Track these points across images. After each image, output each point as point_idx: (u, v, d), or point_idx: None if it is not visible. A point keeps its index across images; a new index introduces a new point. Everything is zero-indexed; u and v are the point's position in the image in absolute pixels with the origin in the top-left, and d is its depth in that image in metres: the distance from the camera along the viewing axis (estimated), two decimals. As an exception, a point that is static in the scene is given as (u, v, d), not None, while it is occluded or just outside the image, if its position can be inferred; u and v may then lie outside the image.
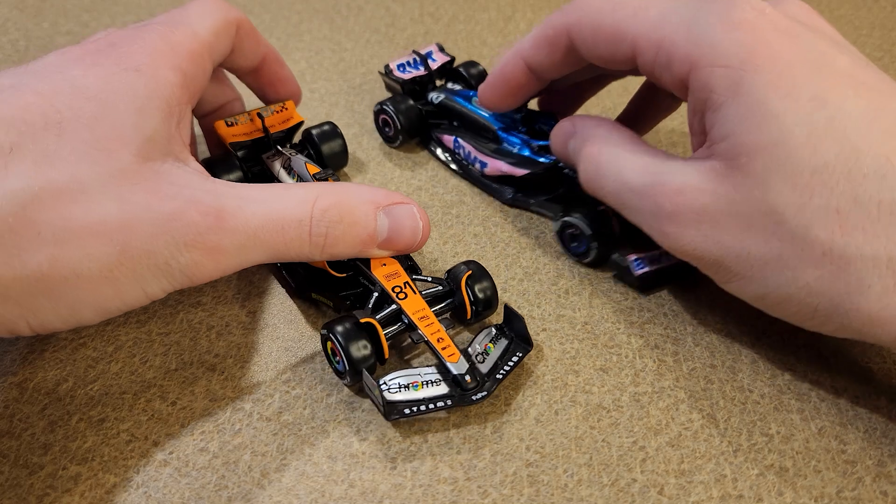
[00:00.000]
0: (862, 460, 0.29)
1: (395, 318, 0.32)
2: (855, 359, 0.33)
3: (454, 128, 0.45)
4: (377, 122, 0.46)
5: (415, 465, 0.29)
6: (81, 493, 0.28)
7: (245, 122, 0.40)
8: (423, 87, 0.47)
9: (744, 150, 0.28)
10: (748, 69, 0.28)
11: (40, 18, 0.59)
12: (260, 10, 0.61)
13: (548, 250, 0.39)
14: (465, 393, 0.30)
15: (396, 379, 0.30)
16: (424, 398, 0.30)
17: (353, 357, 0.30)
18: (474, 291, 0.33)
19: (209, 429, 0.30)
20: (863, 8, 0.63)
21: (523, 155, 0.41)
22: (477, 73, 0.47)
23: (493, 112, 0.42)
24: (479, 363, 0.31)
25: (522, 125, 0.42)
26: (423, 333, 0.31)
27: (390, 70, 0.46)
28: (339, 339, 0.30)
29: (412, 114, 0.44)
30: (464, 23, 0.60)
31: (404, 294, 0.32)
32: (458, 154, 0.44)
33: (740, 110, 0.28)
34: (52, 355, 0.33)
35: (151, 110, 0.29)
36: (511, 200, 0.42)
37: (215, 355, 0.33)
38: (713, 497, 0.28)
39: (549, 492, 0.28)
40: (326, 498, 0.28)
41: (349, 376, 0.30)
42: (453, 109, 0.44)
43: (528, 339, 0.32)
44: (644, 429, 0.30)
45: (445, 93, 0.45)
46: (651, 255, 0.36)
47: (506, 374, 0.31)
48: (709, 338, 0.34)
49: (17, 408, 0.31)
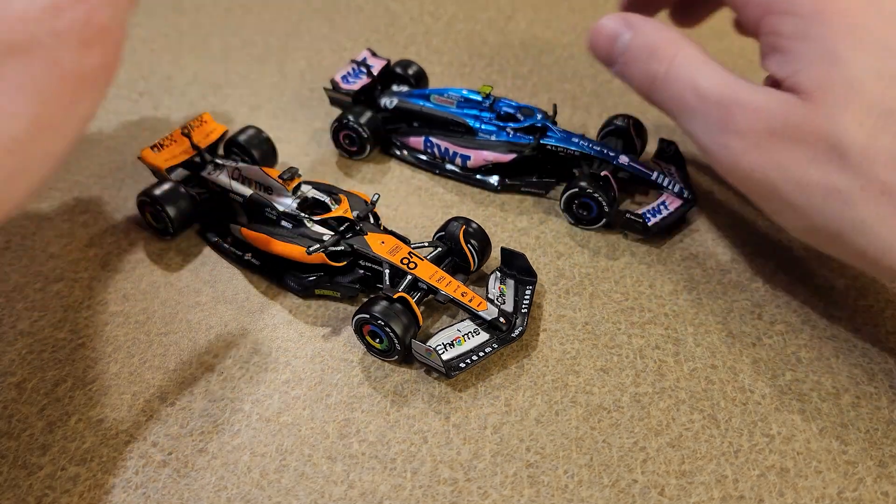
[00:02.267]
0: (863, 461, 0.29)
1: (413, 286, 0.34)
2: (856, 359, 0.33)
3: (418, 128, 0.44)
4: (336, 139, 0.44)
5: (415, 465, 0.29)
6: (80, 493, 0.28)
7: (171, 144, 0.40)
8: (368, 94, 0.46)
9: (815, 85, 0.28)
10: (817, 18, 0.29)
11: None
12: (260, 9, 0.61)
13: (548, 250, 0.39)
14: (504, 333, 0.32)
15: (440, 340, 0.32)
16: (472, 349, 0.32)
17: (400, 331, 0.31)
18: (471, 244, 0.36)
19: (208, 429, 0.30)
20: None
21: (504, 140, 0.41)
22: (414, 71, 0.47)
23: (462, 104, 0.43)
24: (501, 304, 0.34)
25: (488, 111, 0.43)
26: (446, 293, 0.33)
27: (336, 84, 0.45)
28: (381, 318, 0.31)
29: (375, 122, 0.44)
30: (464, 22, 0.60)
31: (414, 263, 0.34)
32: (431, 153, 0.44)
33: (808, 51, 0.29)
34: (50, 355, 0.33)
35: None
36: (499, 188, 0.42)
37: (214, 356, 0.33)
38: (714, 498, 0.28)
39: (550, 493, 0.28)
40: (326, 499, 0.28)
41: (398, 352, 0.32)
42: (412, 111, 0.44)
43: (532, 270, 0.35)
44: (645, 429, 0.30)
45: (398, 96, 0.45)
46: (652, 209, 0.39)
47: (529, 308, 0.34)
48: (709, 338, 0.34)
49: (15, 408, 0.31)
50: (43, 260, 0.38)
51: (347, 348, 0.34)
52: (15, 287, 0.36)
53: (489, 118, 0.43)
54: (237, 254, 0.37)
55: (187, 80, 0.52)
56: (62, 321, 0.35)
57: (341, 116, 0.43)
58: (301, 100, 0.50)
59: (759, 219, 0.41)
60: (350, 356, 0.33)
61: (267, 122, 0.48)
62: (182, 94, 0.50)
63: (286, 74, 0.53)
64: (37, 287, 0.36)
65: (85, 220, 0.40)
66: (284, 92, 0.51)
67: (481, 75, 0.53)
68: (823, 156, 0.28)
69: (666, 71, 0.33)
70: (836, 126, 0.28)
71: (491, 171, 0.42)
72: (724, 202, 0.42)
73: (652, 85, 0.34)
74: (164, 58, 0.54)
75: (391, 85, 0.47)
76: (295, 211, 0.36)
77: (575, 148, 0.41)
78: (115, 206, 0.41)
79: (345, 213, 0.36)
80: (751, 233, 0.40)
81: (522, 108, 0.43)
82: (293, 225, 0.36)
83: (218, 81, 0.52)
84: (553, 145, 0.41)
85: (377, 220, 0.37)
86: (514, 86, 0.52)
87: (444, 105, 0.44)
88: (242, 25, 0.59)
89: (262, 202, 0.37)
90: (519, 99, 0.50)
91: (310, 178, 0.41)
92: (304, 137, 0.47)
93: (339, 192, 0.37)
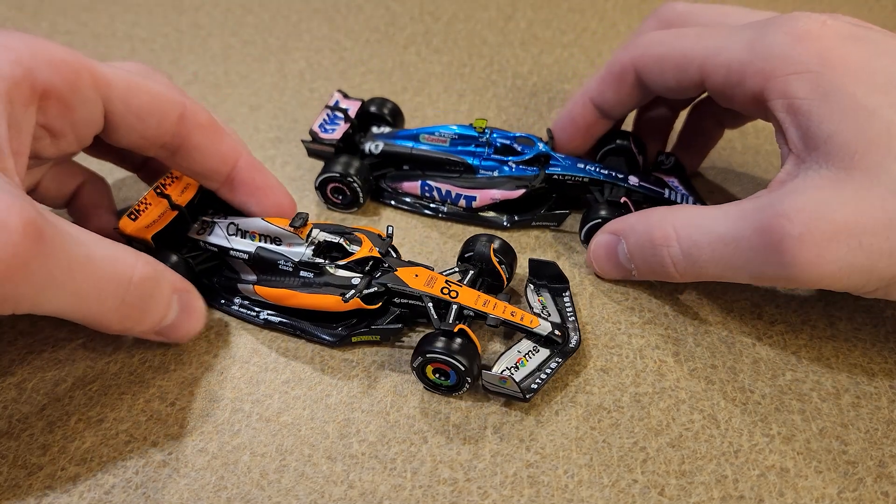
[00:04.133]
0: (863, 461, 0.29)
1: (458, 315, 0.32)
2: (856, 359, 0.33)
3: (410, 172, 0.41)
4: (324, 194, 0.41)
5: (415, 465, 0.29)
6: (80, 493, 0.28)
7: (147, 208, 0.35)
8: (349, 140, 0.42)
9: (854, 146, 0.27)
10: (827, 71, 0.28)
11: (39, 18, 0.59)
12: (259, 9, 0.61)
13: (548, 251, 0.39)
14: (562, 346, 0.32)
15: (503, 364, 0.31)
16: (537, 367, 0.31)
17: (470, 364, 0.30)
18: (502, 260, 0.35)
19: (208, 429, 0.30)
20: (863, 7, 0.63)
21: (507, 175, 0.39)
22: (389, 109, 0.44)
23: (456, 141, 0.40)
24: (548, 317, 0.33)
25: (485, 146, 0.40)
26: (496, 316, 0.32)
27: (315, 134, 0.41)
28: (447, 355, 0.30)
29: (366, 172, 0.40)
30: (464, 22, 0.60)
31: (455, 292, 0.32)
32: (430, 197, 0.41)
33: (833, 109, 0.28)
34: (50, 356, 0.33)
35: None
36: (508, 226, 0.40)
37: (214, 355, 0.33)
38: (714, 498, 0.28)
39: (550, 493, 0.28)
40: (326, 499, 0.28)
41: (468, 383, 0.30)
42: (401, 154, 0.41)
43: (563, 276, 0.35)
44: (645, 429, 0.30)
45: (382, 139, 0.41)
46: None
47: (575, 315, 0.34)
48: (710, 338, 0.34)
49: (15, 408, 0.31)
50: (43, 260, 0.38)
51: (347, 348, 0.34)
52: (15, 287, 0.36)
53: (487, 153, 0.40)
54: (251, 314, 0.34)
55: (187, 79, 0.52)
56: (62, 321, 0.34)
57: (326, 170, 0.40)
58: (301, 100, 0.50)
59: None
60: (350, 356, 0.33)
61: (267, 122, 0.48)
62: (182, 94, 0.50)
63: (286, 74, 0.53)
64: (37, 287, 0.36)
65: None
66: (284, 92, 0.51)
67: (481, 75, 0.53)
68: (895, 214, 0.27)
69: (679, 249, 0.32)
70: (893, 178, 0.27)
71: (494, 208, 0.40)
72: (723, 201, 0.42)
73: (677, 268, 0.32)
74: (164, 58, 0.54)
75: (370, 127, 0.43)
76: (313, 259, 0.33)
77: (582, 174, 0.39)
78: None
79: (370, 253, 0.33)
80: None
81: (519, 137, 0.40)
82: (315, 274, 0.33)
83: (218, 81, 0.52)
84: (560, 174, 0.39)
85: (397, 252, 0.35)
86: (513, 86, 0.52)
87: (436, 144, 0.40)
88: (242, 25, 0.59)
89: (273, 255, 0.34)
90: (519, 98, 0.50)
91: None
92: (305, 137, 0.47)
93: (352, 231, 0.34)
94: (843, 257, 0.27)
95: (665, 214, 0.33)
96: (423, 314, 0.33)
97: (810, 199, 0.27)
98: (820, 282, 0.28)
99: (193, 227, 0.36)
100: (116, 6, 0.61)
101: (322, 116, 0.42)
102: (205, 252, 0.36)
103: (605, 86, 0.37)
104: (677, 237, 0.32)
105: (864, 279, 0.28)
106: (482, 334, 0.34)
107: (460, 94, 0.51)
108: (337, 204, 0.41)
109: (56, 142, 0.29)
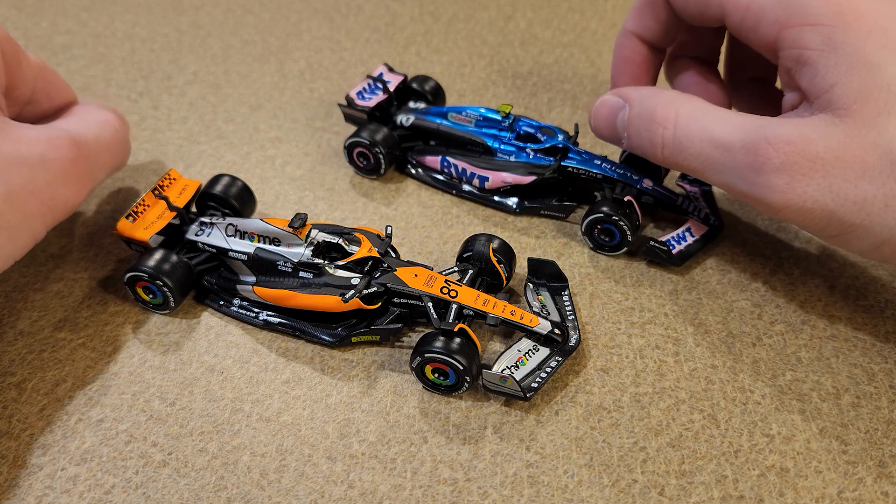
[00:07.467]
0: (863, 461, 0.29)
1: (458, 314, 0.32)
2: (856, 359, 0.33)
3: (435, 147, 0.43)
4: (350, 157, 0.43)
5: (415, 465, 0.29)
6: (80, 493, 0.28)
7: (146, 210, 0.36)
8: (384, 111, 0.45)
9: (853, 97, 0.28)
10: (839, 25, 0.29)
11: (39, 18, 0.59)
12: (259, 9, 0.61)
13: (548, 250, 0.39)
14: (561, 345, 0.32)
15: (503, 364, 0.31)
16: (537, 366, 0.32)
17: (469, 363, 0.30)
18: (501, 259, 0.35)
19: (208, 429, 0.30)
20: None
21: (523, 161, 0.40)
22: (431, 87, 0.46)
23: (480, 123, 0.42)
24: (548, 316, 0.33)
25: (508, 130, 0.41)
26: (496, 315, 0.32)
27: (352, 100, 0.44)
28: (446, 355, 0.30)
29: (392, 141, 0.42)
30: (464, 22, 0.60)
31: (454, 291, 0.32)
32: (448, 173, 0.42)
33: (840, 62, 0.28)
34: (50, 356, 0.33)
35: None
36: (518, 210, 0.41)
37: (214, 355, 0.33)
38: (714, 498, 0.28)
39: (550, 493, 0.28)
40: (326, 499, 0.28)
41: (467, 383, 0.30)
42: (429, 129, 0.43)
43: (562, 275, 0.35)
44: (645, 429, 0.30)
45: (414, 113, 0.44)
46: (676, 236, 0.38)
47: (575, 314, 0.34)
48: (710, 338, 0.34)
49: (15, 408, 0.31)
50: (43, 260, 0.38)
51: (347, 348, 0.34)
52: (15, 287, 0.36)
53: (508, 138, 0.41)
54: (250, 315, 0.34)
55: (187, 79, 0.52)
56: (62, 321, 0.35)
57: (355, 134, 0.42)
58: (301, 100, 0.50)
59: (758, 219, 0.41)
60: (350, 356, 0.33)
61: (267, 122, 0.48)
62: (182, 93, 0.50)
63: (286, 74, 0.53)
64: (37, 287, 0.36)
65: (84, 220, 0.40)
66: (284, 92, 0.51)
67: (481, 75, 0.53)
68: (875, 167, 0.28)
69: (673, 133, 0.33)
70: (884, 134, 0.27)
71: (509, 192, 0.41)
72: (723, 202, 0.42)
73: (664, 150, 0.33)
74: (163, 57, 0.54)
75: (408, 101, 0.46)
76: (312, 259, 0.33)
77: (597, 171, 0.39)
78: (115, 205, 0.41)
79: (370, 253, 0.33)
80: (750, 233, 0.40)
81: (543, 127, 0.41)
82: (314, 274, 0.33)
83: (218, 81, 0.52)
84: (574, 167, 0.39)
85: (396, 252, 0.35)
86: (513, 86, 0.52)
87: (462, 124, 0.42)
88: (242, 25, 0.59)
89: (272, 256, 0.34)
90: (519, 98, 0.50)
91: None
92: (305, 137, 0.47)
93: (350, 232, 0.34)
94: (812, 194, 0.29)
95: (675, 98, 0.34)
96: (422, 314, 0.33)
97: (800, 135, 0.29)
98: (784, 210, 0.30)
99: (192, 229, 0.36)
100: (116, 6, 0.61)
101: (363, 84, 0.45)
102: (203, 253, 0.36)
103: (642, 15, 0.38)
104: (676, 122, 0.33)
105: (825, 221, 0.29)
106: (482, 334, 0.34)
107: (460, 95, 0.51)
108: (360, 168, 0.44)
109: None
